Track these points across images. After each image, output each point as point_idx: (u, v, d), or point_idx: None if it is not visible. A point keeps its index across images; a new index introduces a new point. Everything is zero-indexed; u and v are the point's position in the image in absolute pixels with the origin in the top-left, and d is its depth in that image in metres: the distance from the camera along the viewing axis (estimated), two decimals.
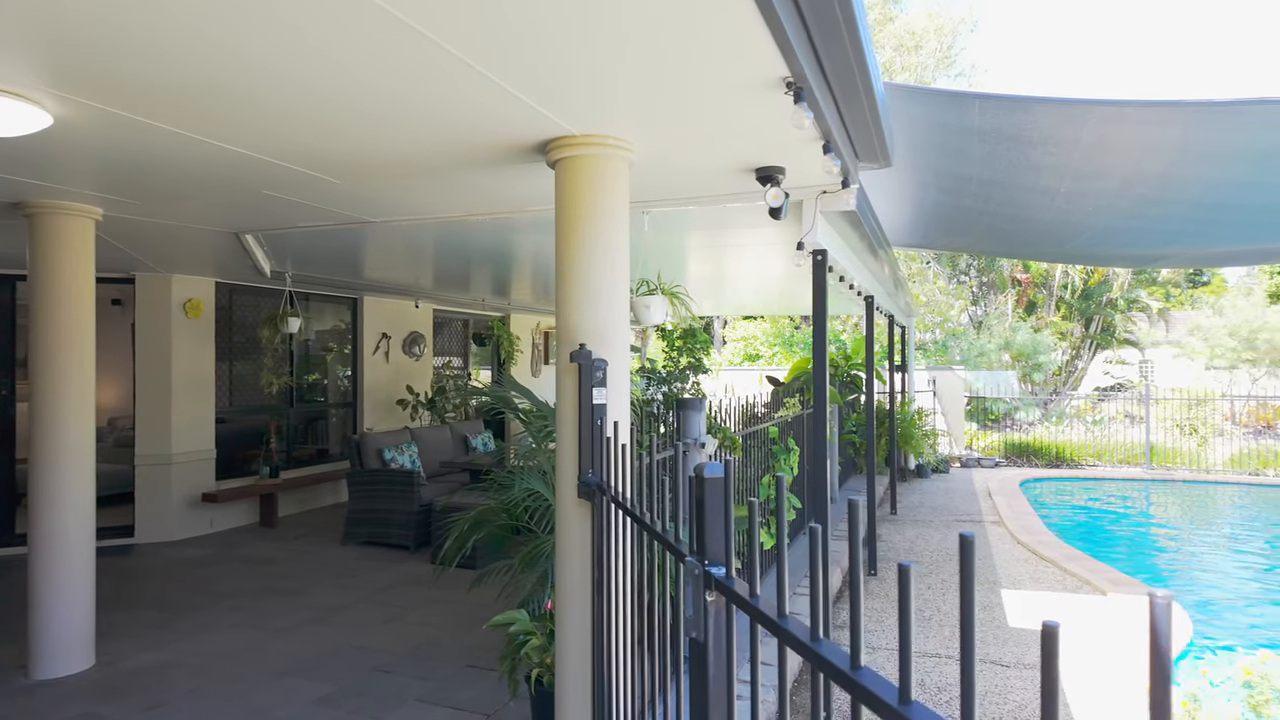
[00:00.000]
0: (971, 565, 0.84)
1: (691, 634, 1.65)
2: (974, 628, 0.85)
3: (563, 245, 2.93)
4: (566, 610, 2.94)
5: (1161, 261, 10.37)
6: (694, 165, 3.38)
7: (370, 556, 6.64)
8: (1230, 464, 12.75)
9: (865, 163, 3.56)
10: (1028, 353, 19.49)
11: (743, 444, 5.86)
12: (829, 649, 1.15)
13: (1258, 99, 3.31)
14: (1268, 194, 4.64)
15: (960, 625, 0.85)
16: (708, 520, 1.60)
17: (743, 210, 4.17)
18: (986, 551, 7.25)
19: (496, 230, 5.39)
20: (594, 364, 2.79)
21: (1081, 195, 5.10)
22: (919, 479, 12.06)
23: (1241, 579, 7.09)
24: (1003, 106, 3.88)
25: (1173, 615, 0.65)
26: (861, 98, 2.65)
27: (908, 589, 0.98)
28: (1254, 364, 18.94)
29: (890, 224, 8.18)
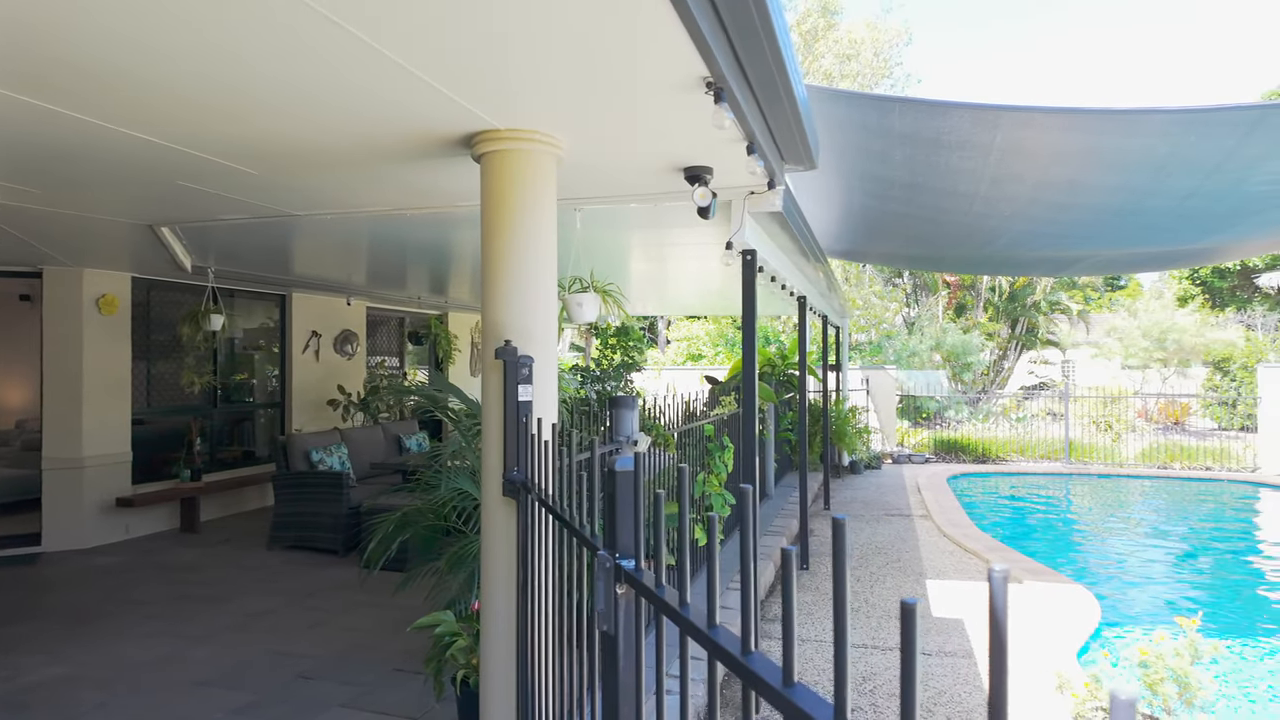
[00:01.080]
0: (914, 633, 0.84)
1: (603, 627, 1.66)
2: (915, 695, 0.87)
3: (488, 240, 2.90)
4: (491, 609, 2.91)
5: (1076, 268, 10.89)
6: (623, 163, 3.40)
7: (296, 561, 6.45)
8: (1141, 458, 13.48)
9: (791, 165, 3.64)
10: (957, 353, 20.22)
11: (678, 442, 5.91)
12: (725, 636, 1.17)
13: (1151, 109, 3.52)
14: (1163, 199, 4.93)
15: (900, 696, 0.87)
16: (619, 514, 1.61)
17: (680, 210, 4.20)
18: (914, 544, 7.48)
19: (431, 226, 5.29)
20: (519, 361, 2.77)
21: (998, 200, 5.31)
22: (853, 475, 12.37)
23: (1149, 565, 7.50)
24: (921, 110, 4.02)
25: (1008, 591, 0.69)
26: (783, 100, 2.70)
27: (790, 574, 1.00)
28: (1164, 364, 20.10)
29: (821, 228, 8.37)
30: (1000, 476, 12.69)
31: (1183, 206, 4.96)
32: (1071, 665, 4.30)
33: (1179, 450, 13.48)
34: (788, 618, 1.01)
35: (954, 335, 20.40)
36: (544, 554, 2.42)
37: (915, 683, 0.80)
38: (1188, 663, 3.28)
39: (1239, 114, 3.57)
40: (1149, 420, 17.43)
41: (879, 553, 7.15)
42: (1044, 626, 5.07)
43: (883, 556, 7.02)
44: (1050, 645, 4.70)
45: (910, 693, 0.79)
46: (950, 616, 5.36)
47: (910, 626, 0.79)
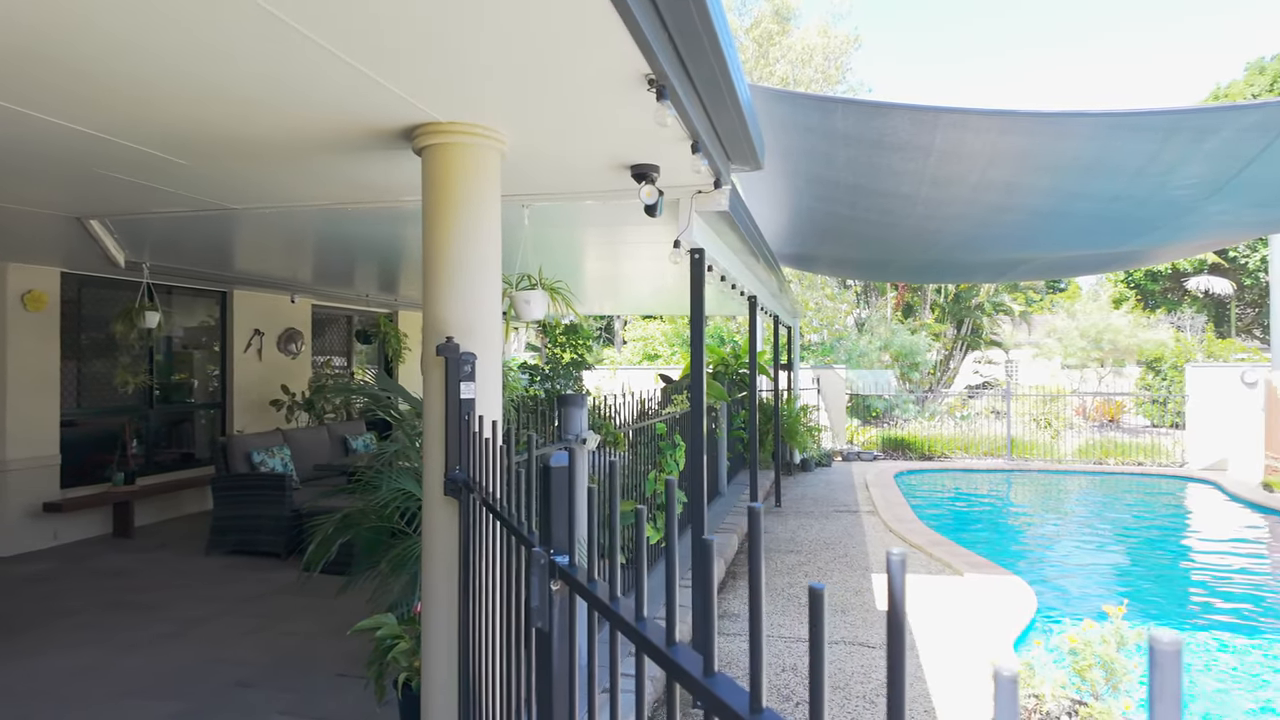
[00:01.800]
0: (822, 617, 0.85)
1: (537, 624, 1.65)
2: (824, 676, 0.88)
3: (430, 235, 2.85)
4: (433, 610, 2.87)
5: (1016, 273, 11.24)
6: (570, 160, 3.38)
7: (236, 566, 6.25)
8: (1079, 454, 14.00)
9: (737, 165, 3.67)
10: (905, 353, 20.70)
11: (632, 440, 5.93)
12: (653, 630, 1.17)
13: (1079, 112, 3.65)
14: (1091, 202, 5.13)
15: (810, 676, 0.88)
16: (553, 509, 1.60)
17: (629, 208, 4.18)
18: (861, 540, 7.63)
19: (378, 221, 5.19)
20: (462, 358, 2.73)
21: (939, 202, 5.45)
22: (803, 472, 12.55)
23: (1084, 557, 7.79)
24: (863, 111, 4.10)
25: (905, 574, 0.70)
26: (726, 99, 2.72)
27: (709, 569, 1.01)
28: (1101, 363, 20.91)
29: (771, 231, 8.47)
30: (945, 473, 13.03)
31: (1109, 209, 5.16)
32: (1008, 654, 4.44)
33: (1114, 447, 14.04)
34: (708, 613, 1.01)
35: (902, 336, 20.88)
36: (486, 553, 2.39)
37: (824, 664, 0.81)
38: (1114, 649, 3.42)
39: (1157, 118, 3.73)
40: (1086, 418, 18.11)
41: (827, 548, 7.27)
42: (984, 617, 5.22)
43: (831, 551, 7.14)
44: (989, 635, 4.85)
45: (819, 674, 0.80)
46: None
47: (818, 610, 0.81)
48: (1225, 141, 3.89)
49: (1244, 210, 5.33)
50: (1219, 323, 25.79)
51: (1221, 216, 5.35)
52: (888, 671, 0.71)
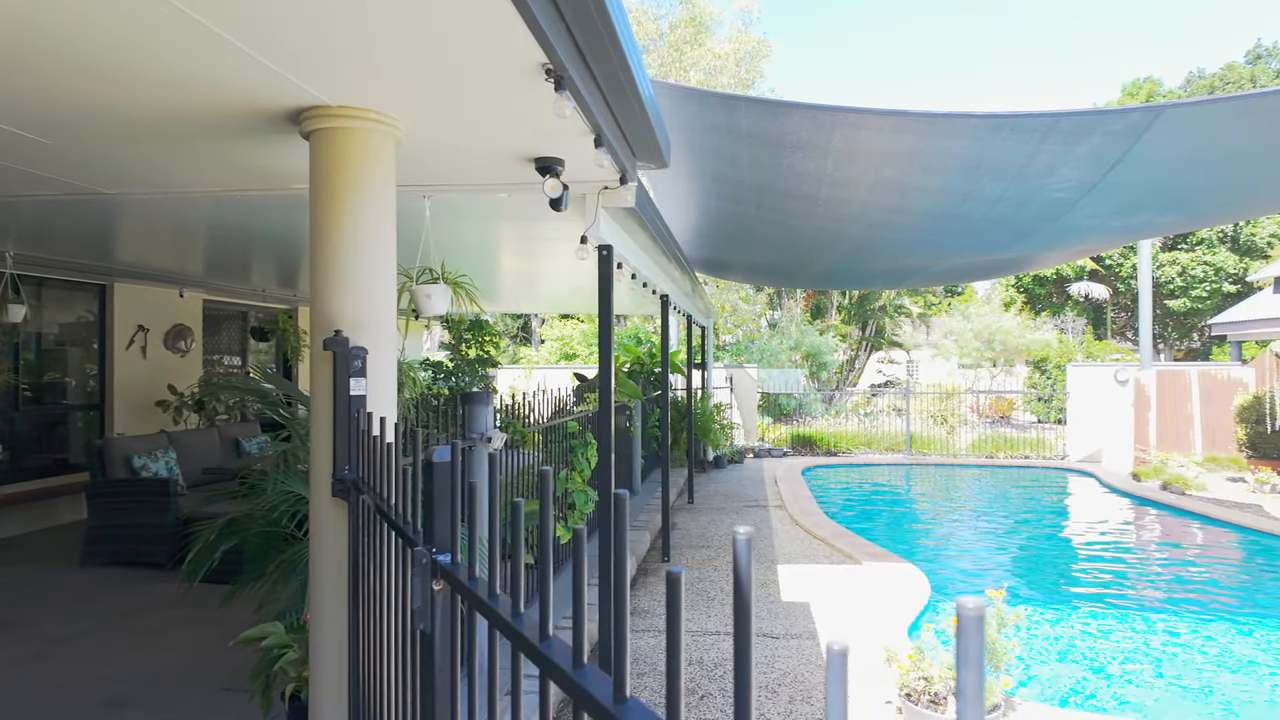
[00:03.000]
0: (678, 601, 0.83)
1: (420, 626, 1.59)
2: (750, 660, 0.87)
3: (318, 223, 2.72)
4: (321, 617, 2.74)
5: (914, 279, 11.79)
6: (470, 150, 3.30)
7: (114, 578, 5.81)
8: (972, 449, 14.81)
9: (643, 162, 3.68)
10: (814, 353, 21.39)
11: (544, 439, 5.86)
12: (526, 625, 1.14)
13: (964, 113, 3.85)
14: (977, 204, 5.43)
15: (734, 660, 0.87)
16: (436, 507, 1.55)
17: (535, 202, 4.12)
18: (769, 534, 7.81)
19: (274, 210, 4.93)
20: (352, 352, 2.62)
21: (838, 203, 5.65)
22: (717, 469, 12.77)
23: (975, 544, 8.24)
24: (764, 110, 4.19)
25: (751, 553, 0.70)
26: (628, 93, 2.72)
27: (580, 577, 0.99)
28: (993, 363, 22.20)
29: (682, 233, 8.57)
30: (849, 468, 13.53)
31: (994, 210, 5.48)
32: (902, 639, 4.63)
33: (1003, 441, 14.93)
34: (578, 607, 1.00)
35: (811, 337, 21.58)
36: (376, 556, 2.30)
37: (680, 648, 0.80)
38: (995, 630, 3.62)
39: (1034, 120, 3.98)
40: (980, 414, 19.19)
41: None
42: (881, 604, 5.43)
43: None
44: (886, 621, 5.05)
45: (675, 657, 0.80)
46: (798, 600, 5.63)
47: (675, 595, 0.80)
48: (1094, 146, 4.19)
49: (1111, 217, 5.77)
50: (1097, 325, 27.88)
51: (1092, 221, 5.77)
52: (735, 652, 0.71)
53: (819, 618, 5.26)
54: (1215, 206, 6.26)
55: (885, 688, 4.09)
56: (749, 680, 0.70)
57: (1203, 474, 11.29)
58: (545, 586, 1.10)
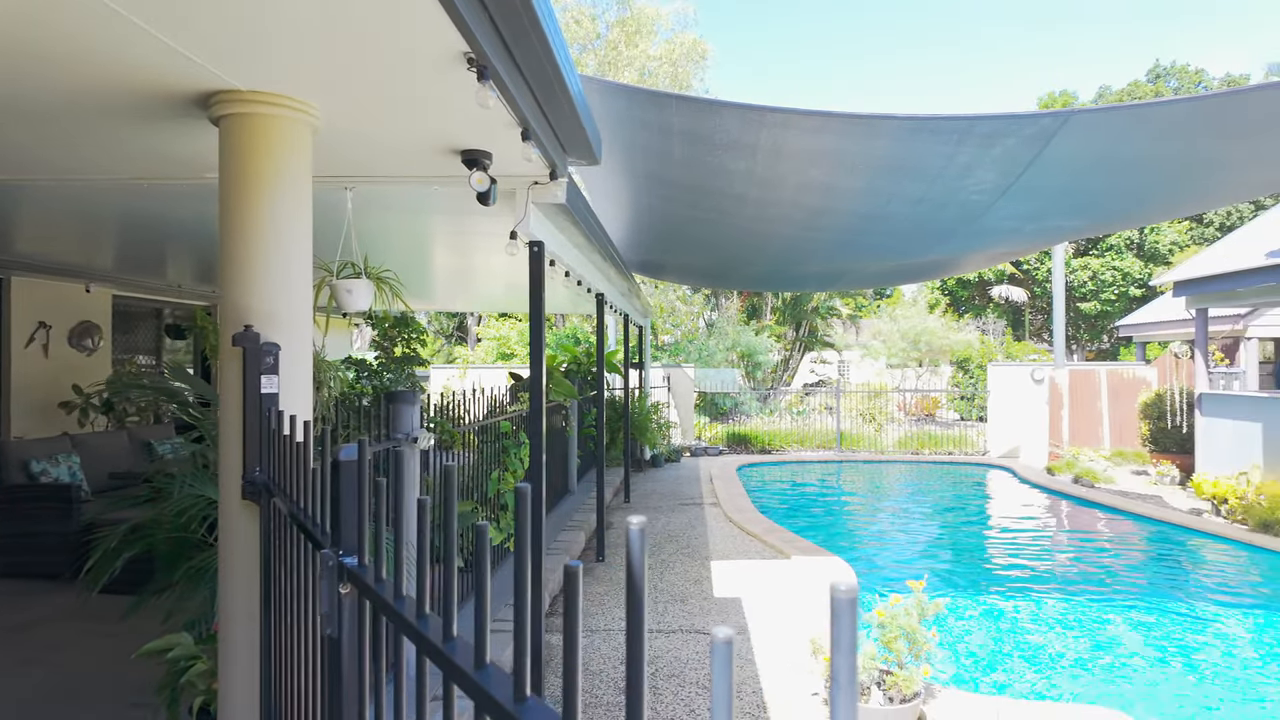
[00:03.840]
0: (576, 596, 0.81)
1: (327, 631, 1.53)
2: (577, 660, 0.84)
3: (227, 213, 2.60)
4: (231, 626, 2.61)
5: (842, 282, 12.10)
6: (393, 140, 3.21)
7: (8, 591, 5.43)
8: (899, 446, 15.30)
9: (574, 158, 3.64)
10: (750, 353, 21.72)
11: (475, 439, 5.76)
12: (431, 626, 1.10)
13: (886, 115, 3.97)
14: (900, 205, 5.61)
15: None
16: (343, 507, 1.48)
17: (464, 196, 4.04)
18: (703, 530, 7.88)
19: (188, 200, 4.68)
20: (263, 348, 2.50)
21: (767, 203, 5.74)
22: (654, 468, 12.81)
23: (901, 537, 8.50)
24: (695, 108, 4.22)
25: (645, 542, 0.69)
26: (555, 86, 2.69)
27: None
28: (919, 363, 22.98)
29: (618, 233, 8.56)
30: (783, 465, 13.79)
31: (916, 211, 5.67)
32: (827, 630, 4.73)
33: (928, 438, 15.48)
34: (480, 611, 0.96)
35: (747, 337, 21.90)
36: (289, 561, 2.20)
37: (578, 642, 0.78)
38: (916, 620, 3.73)
39: (952, 123, 4.13)
40: (906, 412, 19.83)
41: (671, 540, 7.45)
42: (808, 598, 5.54)
43: (675, 543, 7.31)
44: (813, 614, 5.15)
45: (573, 651, 0.78)
46: (730, 596, 5.69)
47: (573, 589, 0.78)
48: (1008, 149, 4.38)
49: (1025, 220, 6.05)
50: (1016, 327, 29.21)
51: (1007, 223, 6.03)
52: (627, 643, 0.70)
53: (750, 613, 5.33)
54: (1117, 211, 6.62)
55: (812, 679, 4.17)
56: (642, 661, 0.69)
57: (1111, 468, 11.95)
58: (449, 587, 1.07)
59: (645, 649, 0.70)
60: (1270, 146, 4.96)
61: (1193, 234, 26.46)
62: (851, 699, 0.51)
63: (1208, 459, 10.15)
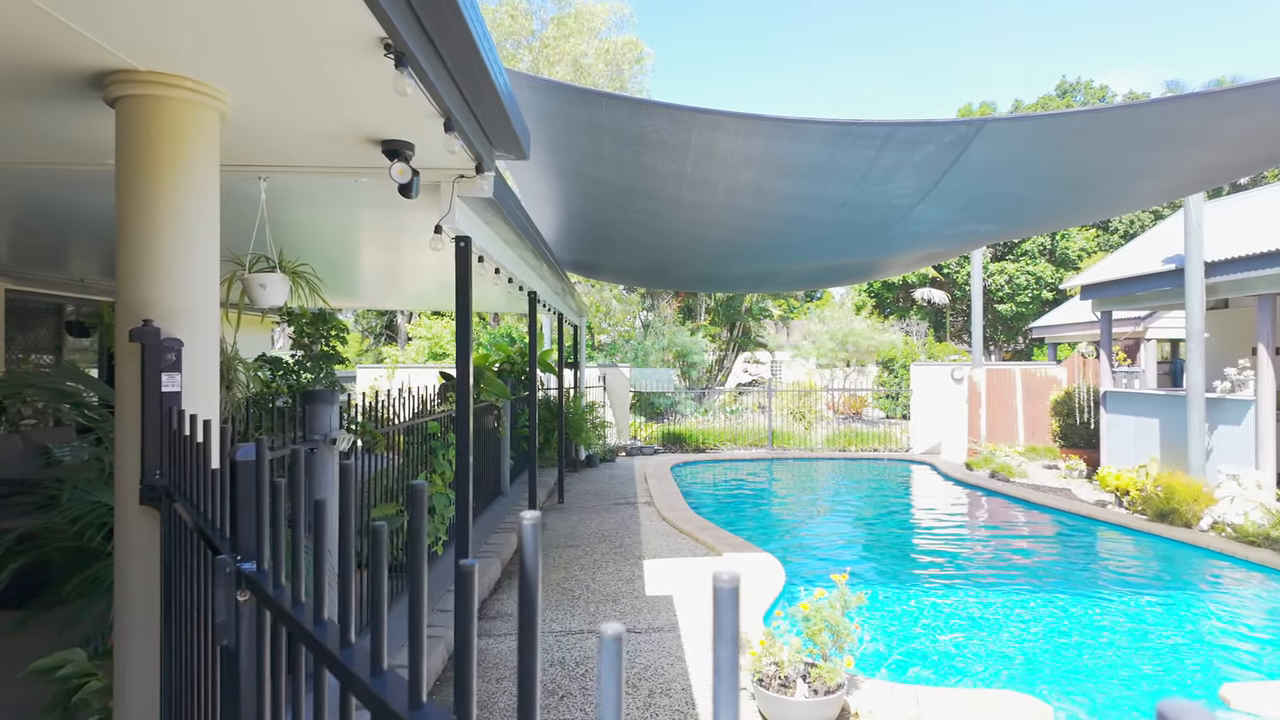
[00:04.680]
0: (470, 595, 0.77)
1: (223, 641, 1.44)
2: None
3: (125, 200, 2.44)
4: (128, 640, 2.45)
5: (774, 283, 12.32)
6: (310, 129, 3.08)
7: None
8: (827, 443, 15.69)
9: (501, 151, 3.58)
10: (685, 353, 21.90)
11: (401, 440, 5.60)
12: (328, 633, 1.05)
13: (812, 119, 4.06)
14: (825, 208, 5.75)
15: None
16: (240, 510, 1.40)
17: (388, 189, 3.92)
18: (636, 530, 7.89)
19: (88, 188, 4.38)
20: (164, 344, 2.36)
21: (699, 205, 5.79)
22: (588, 468, 12.76)
23: (828, 531, 8.70)
24: (626, 107, 4.20)
25: (539, 536, 0.66)
26: (477, 75, 2.63)
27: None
28: (847, 363, 23.62)
29: (551, 233, 8.49)
30: (716, 463, 13.95)
31: (840, 215, 5.82)
32: (757, 626, 4.80)
33: (855, 436, 15.93)
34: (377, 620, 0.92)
35: (683, 337, 22.08)
36: (190, 569, 2.08)
37: (473, 643, 0.75)
38: (839, 614, 3.81)
39: (875, 129, 4.26)
40: (835, 411, 20.36)
41: (604, 540, 7.43)
42: (740, 593, 5.61)
43: (608, 543, 7.29)
44: (742, 610, 5.21)
45: (467, 653, 0.75)
46: (662, 594, 5.71)
47: (465, 588, 0.75)
48: (927, 155, 4.54)
49: (944, 224, 6.28)
50: (938, 328, 30.37)
51: (928, 226, 6.26)
52: (520, 641, 0.67)
53: (681, 610, 5.35)
54: (1029, 216, 6.95)
55: (741, 675, 4.22)
56: (534, 659, 0.66)
57: (1025, 463, 12.55)
58: (345, 591, 1.02)
59: (538, 646, 0.67)
60: (1165, 158, 5.29)
61: (1099, 241, 28.05)
62: (732, 692, 0.50)
63: (1111, 453, 10.77)
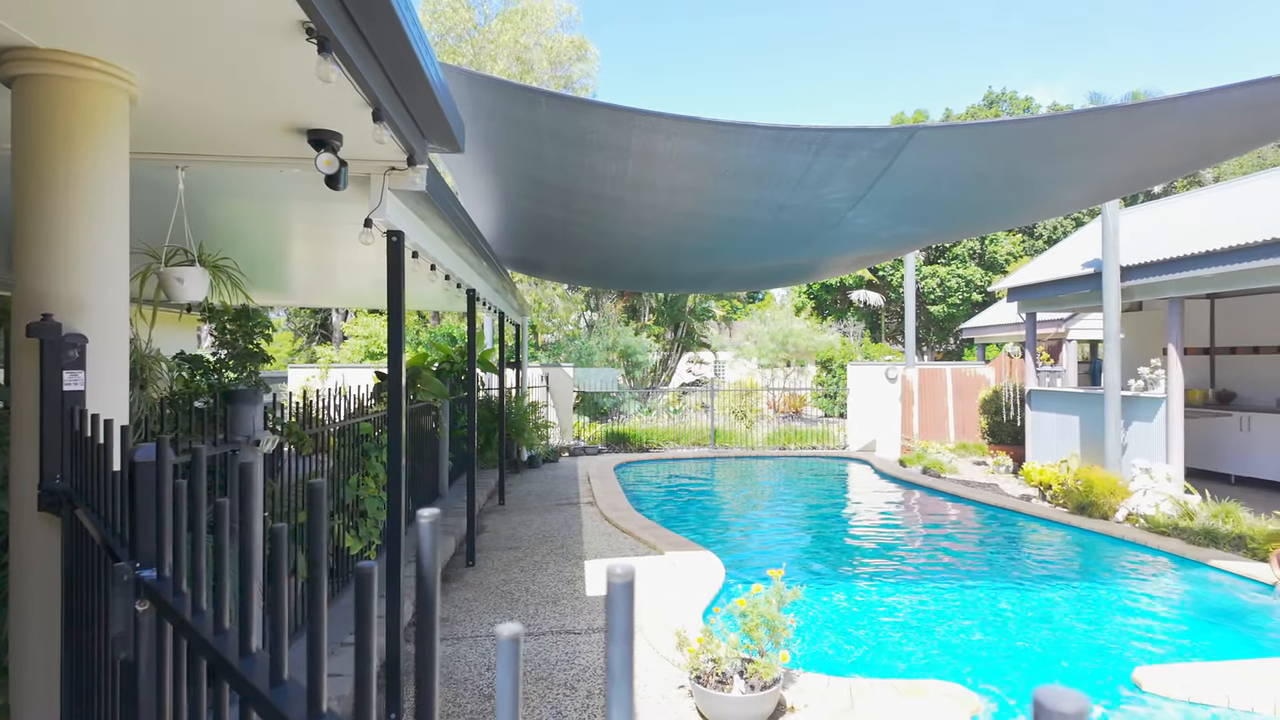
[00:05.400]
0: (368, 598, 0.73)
1: (121, 654, 1.36)
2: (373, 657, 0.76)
3: (23, 187, 2.28)
4: (26, 658, 2.29)
5: (717, 283, 12.43)
6: (231, 116, 2.94)
7: None
8: (767, 441, 15.93)
9: (435, 144, 3.50)
10: (630, 353, 21.93)
11: (335, 442, 5.42)
12: (227, 642, 0.99)
13: (750, 123, 4.10)
14: (764, 211, 5.83)
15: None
16: (139, 515, 1.32)
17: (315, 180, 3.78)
18: (578, 530, 7.84)
19: None
20: (65, 340, 2.22)
21: (641, 206, 5.79)
22: (531, 469, 12.64)
23: (767, 527, 8.82)
24: (566, 106, 4.16)
25: (437, 536, 0.63)
26: (406, 63, 2.55)
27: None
28: (788, 363, 24.04)
29: (491, 227, 8.36)
30: (659, 463, 14.00)
31: (780, 218, 5.91)
32: (696, 623, 4.82)
33: (795, 434, 16.21)
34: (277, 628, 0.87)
35: (627, 337, 22.10)
36: (93, 579, 1.95)
37: (371, 655, 0.72)
38: (775, 609, 3.85)
39: (810, 134, 4.32)
40: (775, 410, 20.70)
41: (545, 541, 7.36)
42: (680, 591, 5.62)
43: (549, 544, 7.22)
44: (683, 607, 5.23)
45: (366, 668, 0.71)
46: (602, 594, 5.68)
47: (365, 592, 0.71)
48: (861, 160, 4.64)
49: (878, 228, 6.45)
50: (874, 329, 31.21)
51: (862, 230, 6.41)
52: (416, 639, 0.64)
53: None
54: (958, 220, 7.19)
55: (680, 673, 4.23)
56: (432, 663, 0.63)
57: (955, 459, 12.98)
58: (247, 599, 0.96)
59: (436, 647, 0.64)
60: (1085, 166, 5.54)
61: (1025, 246, 29.27)
62: (626, 692, 0.48)
63: (1036, 449, 11.24)
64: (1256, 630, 5.35)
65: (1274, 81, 4.02)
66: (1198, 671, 4.24)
